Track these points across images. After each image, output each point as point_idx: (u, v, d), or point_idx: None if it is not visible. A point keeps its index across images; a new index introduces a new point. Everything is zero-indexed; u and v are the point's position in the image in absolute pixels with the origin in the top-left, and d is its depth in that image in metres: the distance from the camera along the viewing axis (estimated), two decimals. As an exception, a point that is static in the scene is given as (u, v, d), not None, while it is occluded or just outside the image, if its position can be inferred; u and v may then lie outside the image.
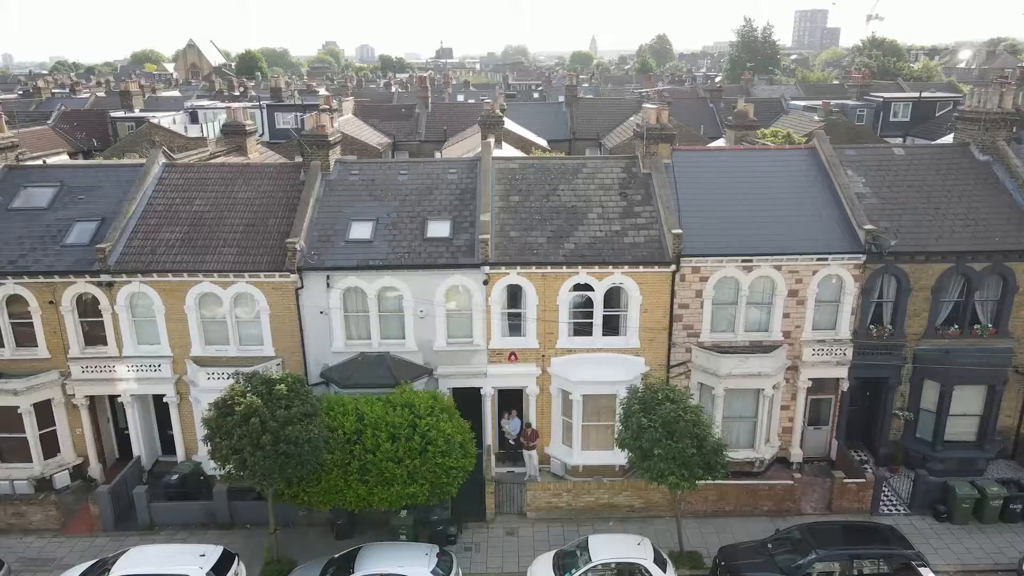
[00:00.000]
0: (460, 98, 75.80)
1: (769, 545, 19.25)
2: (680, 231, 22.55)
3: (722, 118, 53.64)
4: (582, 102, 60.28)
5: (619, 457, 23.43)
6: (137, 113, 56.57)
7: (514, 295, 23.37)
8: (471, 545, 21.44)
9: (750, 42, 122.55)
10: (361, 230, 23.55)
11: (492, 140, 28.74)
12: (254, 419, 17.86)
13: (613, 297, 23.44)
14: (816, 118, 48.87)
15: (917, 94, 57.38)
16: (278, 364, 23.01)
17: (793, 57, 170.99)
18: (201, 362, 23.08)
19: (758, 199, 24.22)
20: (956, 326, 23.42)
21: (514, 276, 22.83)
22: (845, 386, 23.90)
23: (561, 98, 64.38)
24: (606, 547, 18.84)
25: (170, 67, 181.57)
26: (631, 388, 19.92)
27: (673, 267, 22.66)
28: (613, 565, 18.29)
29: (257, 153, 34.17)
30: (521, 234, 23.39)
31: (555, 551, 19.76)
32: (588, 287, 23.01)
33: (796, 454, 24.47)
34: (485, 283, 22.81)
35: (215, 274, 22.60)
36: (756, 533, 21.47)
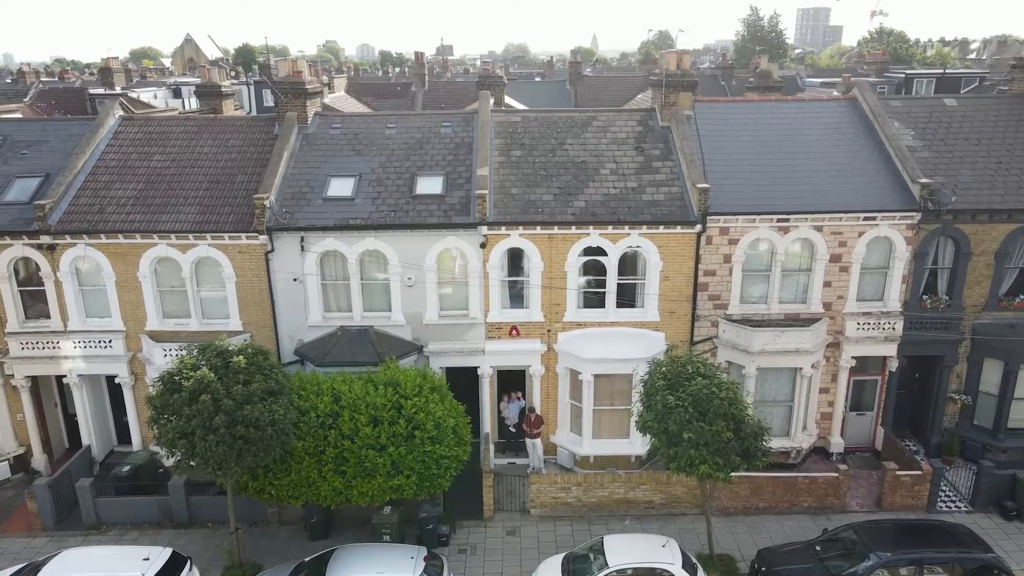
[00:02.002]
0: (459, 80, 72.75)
1: (817, 547, 16.30)
2: (707, 185, 19.61)
3: (735, 94, 50.69)
4: (586, 80, 57.32)
5: (636, 446, 20.56)
6: (118, 90, 53.64)
7: (516, 261, 20.46)
8: (466, 547, 18.51)
9: (756, 31, 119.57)
10: (341, 187, 20.63)
11: (490, 96, 25.80)
12: (205, 396, 14.93)
13: (629, 263, 20.53)
14: (836, 94, 45.92)
15: (940, 70, 54.39)
16: (246, 340, 20.05)
17: (797, 51, 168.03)
18: (158, 337, 20.16)
19: (793, 153, 21.30)
20: (1023, 297, 20.47)
21: (516, 238, 19.91)
22: (893, 365, 20.95)
23: (564, 78, 61.37)
24: (625, 550, 15.90)
25: (167, 62, 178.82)
26: (653, 363, 16.98)
27: (698, 227, 19.72)
28: (631, 572, 15.33)
29: (235, 119, 31.18)
30: (524, 191, 20.48)
31: (564, 554, 16.83)
32: (601, 251, 20.08)
33: (836, 443, 21.51)
34: (483, 246, 19.89)
35: (173, 236, 19.68)
36: (795, 534, 18.55)
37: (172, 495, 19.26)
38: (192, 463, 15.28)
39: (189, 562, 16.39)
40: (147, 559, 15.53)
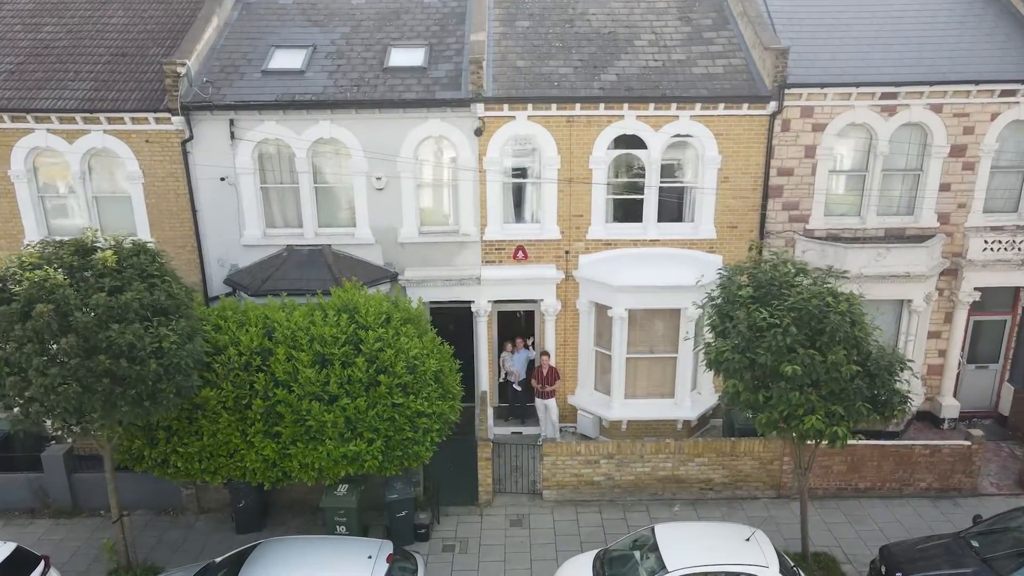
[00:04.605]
0: None
1: (974, 543, 10.97)
2: (785, 46, 14.29)
3: None
4: None
5: (684, 407, 15.33)
6: None
7: (523, 156, 15.17)
8: (453, 542, 13.22)
9: None
10: (288, 58, 15.35)
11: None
12: (43, 307, 9.64)
13: (675, 160, 15.26)
14: None
15: None
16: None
17: None
18: (40, 260, 14.84)
19: (897, 14, 15.97)
20: None
21: (523, 122, 14.62)
22: (1029, 300, 15.68)
23: None
24: (690, 545, 10.63)
25: None
26: (729, 270, 11.63)
27: (772, 105, 14.42)
28: (702, 578, 10.06)
29: None
30: (533, 64, 15.18)
31: (594, 553, 11.55)
32: (638, 142, 14.79)
33: (949, 406, 16.15)
34: (478, 133, 14.61)
35: (54, 117, 14.39)
36: (915, 524, 13.34)
37: (48, 471, 13.97)
38: (25, 412, 9.96)
39: (43, 563, 11.14)
40: (-31, 559, 10.27)
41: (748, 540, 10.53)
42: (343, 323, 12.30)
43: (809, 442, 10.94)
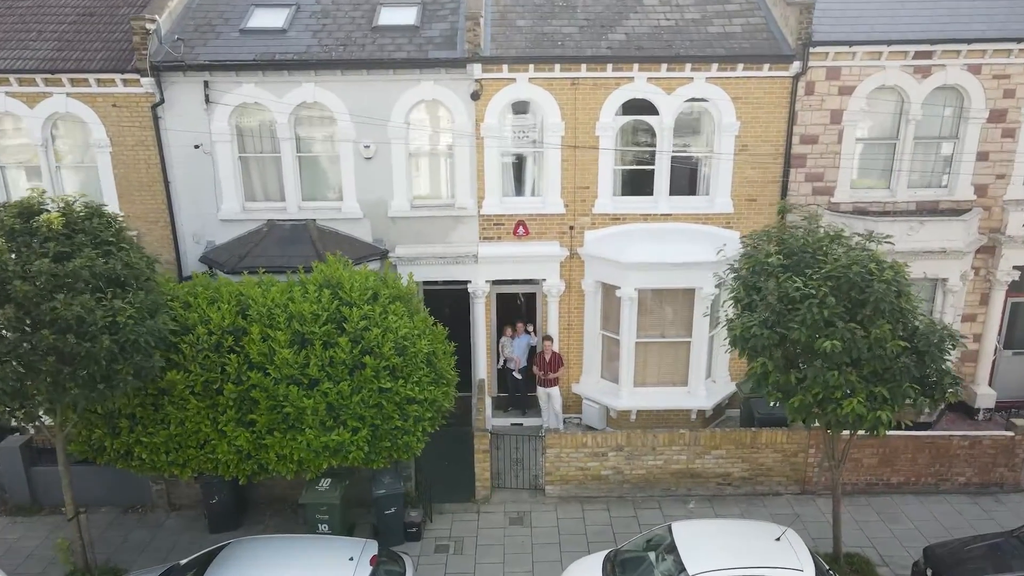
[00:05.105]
0: None
1: (1032, 542, 9.79)
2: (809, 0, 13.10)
3: None
4: None
5: (698, 396, 14.14)
6: None
7: (524, 122, 14.00)
8: (447, 542, 12.02)
9: None
10: (269, 17, 14.14)
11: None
12: (-24, 272, 8.46)
13: (689, 127, 14.08)
14: None
15: None
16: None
17: None
18: None
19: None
20: None
21: (524, 84, 13.42)
22: (1072, 280, 14.46)
23: None
24: (712, 545, 9.43)
25: None
26: (755, 236, 10.41)
27: (795, 65, 13.23)
28: (728, 583, 8.86)
29: None
30: (535, 22, 13.99)
31: (604, 554, 10.35)
32: (649, 108, 13.60)
33: (984, 395, 14.92)
34: (475, 97, 13.41)
35: (13, 79, 13.20)
36: (954, 523, 12.16)
37: (4, 464, 12.78)
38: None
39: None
40: None
41: (778, 540, 9.33)
42: (325, 299, 11.10)
43: (844, 433, 9.78)
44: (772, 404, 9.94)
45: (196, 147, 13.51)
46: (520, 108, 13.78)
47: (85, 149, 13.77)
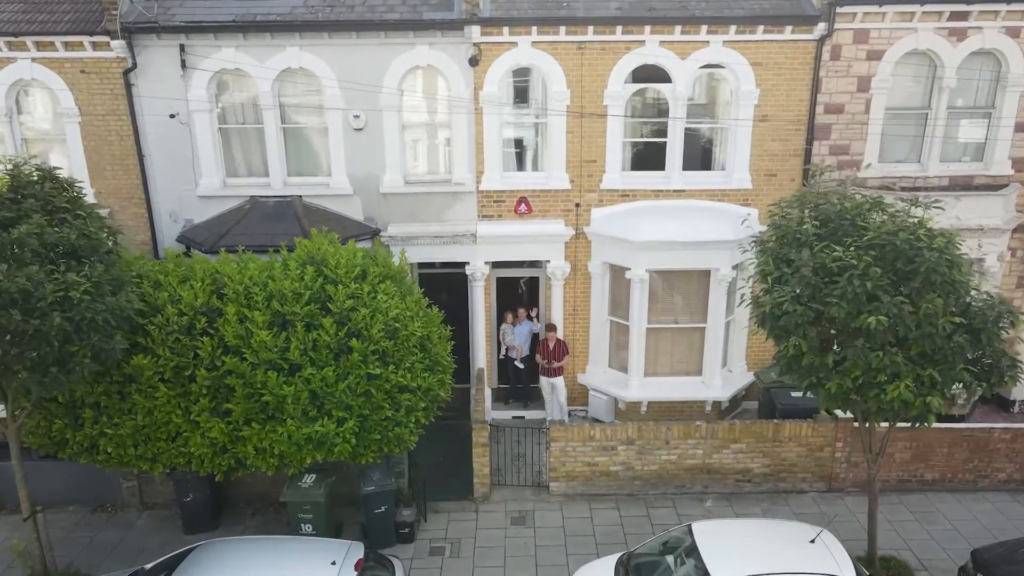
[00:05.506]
0: None
1: (1096, 545, 8.78)
2: (837, -44, 12.10)
3: None
4: None
5: (714, 386, 13.16)
6: None
7: (527, 91, 13.02)
8: (443, 544, 11.00)
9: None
10: (251, -22, 13.12)
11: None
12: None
13: (705, 96, 13.09)
14: None
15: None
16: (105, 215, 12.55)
17: None
18: (-39, 213, 12.65)
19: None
20: None
21: (526, 49, 12.41)
22: (1116, 262, 13.43)
23: None
24: (739, 549, 8.42)
25: None
26: (785, 203, 9.40)
27: (820, 27, 12.22)
28: (756, 589, 7.85)
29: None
30: (539, -16, 12.97)
31: (616, 557, 9.34)
32: (661, 75, 12.61)
33: (1021, 386, 13.86)
34: (474, 62, 12.41)
35: (-27, 43, 12.22)
36: (997, 523, 11.13)
37: (-40, 458, 11.76)
38: None
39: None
40: None
41: (813, 542, 8.32)
42: (308, 277, 10.09)
43: (881, 424, 8.78)
44: (803, 392, 8.91)
45: (172, 116, 12.51)
46: (522, 75, 12.78)
47: (54, 120, 12.77)
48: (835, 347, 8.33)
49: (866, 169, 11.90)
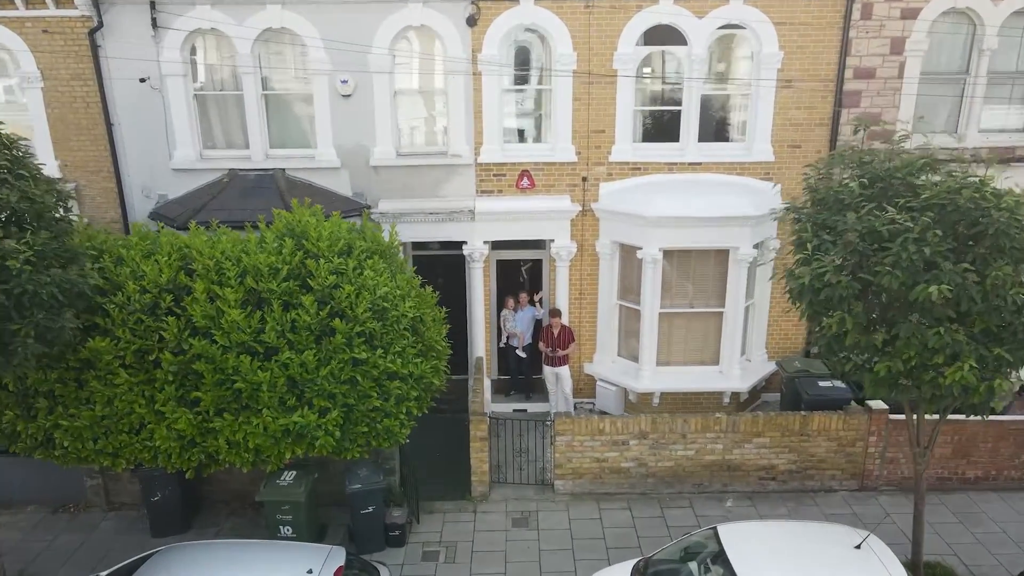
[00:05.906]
0: None
1: None
2: (870, -97, 11.05)
3: None
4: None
5: (732, 376, 12.12)
6: None
7: (529, 53, 11.98)
8: (437, 548, 9.95)
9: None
10: (230, -68, 12.08)
11: None
12: None
13: (723, 60, 12.05)
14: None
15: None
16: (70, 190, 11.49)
17: None
18: (-86, 187, 11.60)
19: None
20: None
21: (529, 7, 11.37)
22: None
23: None
24: (773, 555, 7.38)
25: None
26: (826, 161, 8.35)
27: (852, -17, 11.20)
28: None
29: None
30: (542, -63, 11.92)
31: (632, 564, 8.29)
32: (675, 36, 11.56)
33: (1064, 376, 12.86)
34: (472, 22, 11.36)
35: (-75, -1, 11.18)
36: (1049, 524, 10.05)
37: (-92, 454, 10.72)
38: None
39: None
40: None
41: (858, 547, 7.27)
42: (287, 251, 9.05)
43: (930, 416, 7.75)
44: (843, 376, 7.87)
45: (142, 81, 11.47)
46: (525, 36, 11.73)
47: (14, 86, 11.73)
48: (883, 324, 7.27)
49: (900, 139, 10.88)
